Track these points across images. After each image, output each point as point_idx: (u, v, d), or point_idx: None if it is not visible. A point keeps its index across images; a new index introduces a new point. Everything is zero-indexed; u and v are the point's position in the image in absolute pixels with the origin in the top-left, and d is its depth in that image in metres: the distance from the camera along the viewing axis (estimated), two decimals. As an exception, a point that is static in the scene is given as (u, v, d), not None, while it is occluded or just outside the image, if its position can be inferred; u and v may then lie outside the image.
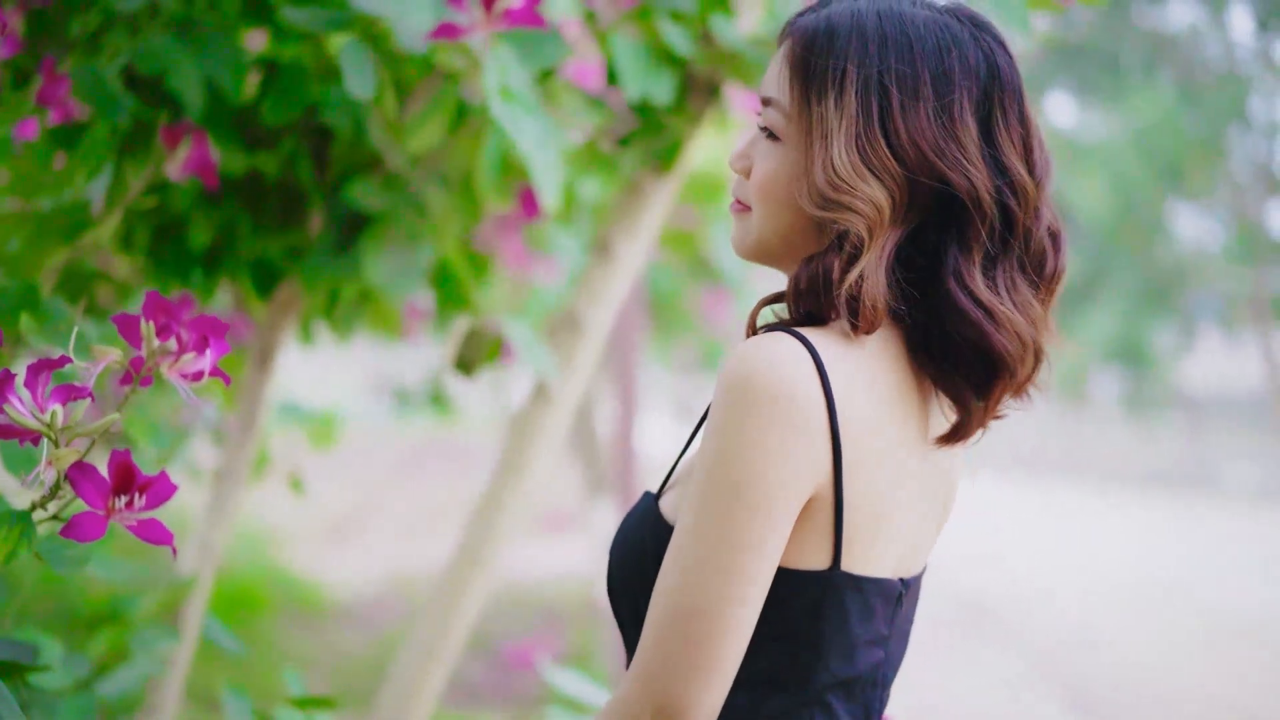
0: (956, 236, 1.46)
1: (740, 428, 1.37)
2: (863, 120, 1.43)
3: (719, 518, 1.37)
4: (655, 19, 2.48)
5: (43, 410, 1.37)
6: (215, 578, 2.71)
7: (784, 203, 1.49)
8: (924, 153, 1.43)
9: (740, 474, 1.37)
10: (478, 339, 2.65)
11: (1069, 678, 7.13)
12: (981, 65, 1.47)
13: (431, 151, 2.65)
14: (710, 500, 1.37)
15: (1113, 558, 10.97)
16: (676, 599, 1.37)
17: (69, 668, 2.20)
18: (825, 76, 1.45)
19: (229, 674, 5.25)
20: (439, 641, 2.55)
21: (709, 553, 1.37)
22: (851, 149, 1.42)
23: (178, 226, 2.70)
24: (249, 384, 2.82)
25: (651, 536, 1.49)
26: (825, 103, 1.44)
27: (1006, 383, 1.49)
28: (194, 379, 1.44)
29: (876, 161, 1.43)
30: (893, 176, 1.43)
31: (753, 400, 1.37)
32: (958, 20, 1.49)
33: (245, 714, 2.05)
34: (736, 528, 1.37)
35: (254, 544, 9.28)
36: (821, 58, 1.45)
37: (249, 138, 2.60)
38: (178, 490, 1.42)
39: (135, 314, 1.43)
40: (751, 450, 1.37)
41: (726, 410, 1.38)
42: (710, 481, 1.38)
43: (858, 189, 1.42)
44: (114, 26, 2.45)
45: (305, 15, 2.26)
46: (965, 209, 1.45)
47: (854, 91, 1.43)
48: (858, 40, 1.45)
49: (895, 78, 1.43)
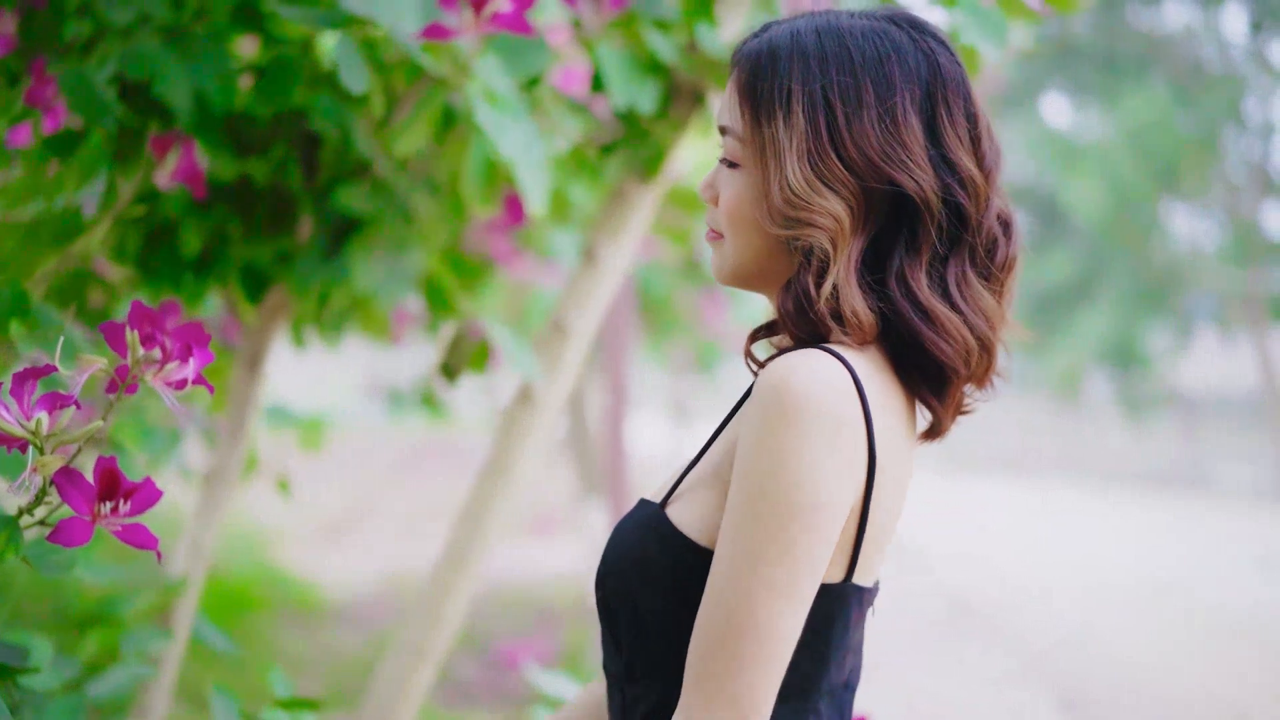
0: (907, 238, 1.48)
1: (796, 448, 1.38)
2: (811, 136, 1.45)
3: (776, 537, 1.38)
4: (640, 27, 2.50)
5: (28, 417, 1.39)
6: (212, 578, 2.73)
7: (751, 227, 1.51)
8: (871, 159, 1.45)
9: (798, 494, 1.38)
10: (463, 344, 2.68)
11: (1060, 677, 7.15)
12: (922, 66, 1.49)
13: (419, 157, 2.68)
14: (767, 520, 1.38)
15: (1107, 557, 11.00)
16: (738, 618, 1.38)
17: (59, 668, 2.21)
18: (772, 98, 1.47)
19: (224, 674, 5.28)
20: (427, 641, 2.57)
21: (768, 572, 1.38)
22: (804, 165, 1.45)
23: (169, 232, 2.72)
24: (239, 387, 2.85)
25: (657, 543, 1.49)
26: (774, 124, 1.47)
27: (957, 383, 1.52)
28: (178, 387, 1.46)
29: (829, 174, 1.45)
30: (847, 187, 1.46)
31: (806, 420, 1.38)
32: (896, 25, 1.51)
33: (232, 714, 2.07)
34: (795, 547, 1.38)
35: (250, 544, 9.29)
36: (767, 81, 1.48)
37: (239, 144, 2.62)
38: (163, 495, 1.45)
39: (121, 323, 1.45)
40: (809, 471, 1.38)
41: (778, 430, 1.38)
42: (766, 501, 1.38)
43: (814, 204, 1.45)
44: (106, 33, 2.47)
45: (297, 13, 2.28)
46: (917, 209, 1.48)
47: (800, 109, 1.46)
48: (799, 59, 1.47)
49: (838, 90, 1.46)
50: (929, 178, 1.47)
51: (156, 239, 2.73)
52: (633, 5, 2.49)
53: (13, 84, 2.38)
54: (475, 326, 2.72)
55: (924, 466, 10.98)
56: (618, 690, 1.56)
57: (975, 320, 1.50)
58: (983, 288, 1.52)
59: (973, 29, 2.34)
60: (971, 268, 1.52)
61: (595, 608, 1.58)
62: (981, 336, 1.51)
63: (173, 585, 2.64)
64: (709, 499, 1.48)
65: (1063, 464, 20.79)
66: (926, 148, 1.48)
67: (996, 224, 1.53)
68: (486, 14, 2.15)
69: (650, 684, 1.51)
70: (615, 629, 1.55)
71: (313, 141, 2.68)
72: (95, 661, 2.57)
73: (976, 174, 1.50)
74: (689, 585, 1.46)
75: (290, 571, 8.83)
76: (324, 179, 2.68)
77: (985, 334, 1.51)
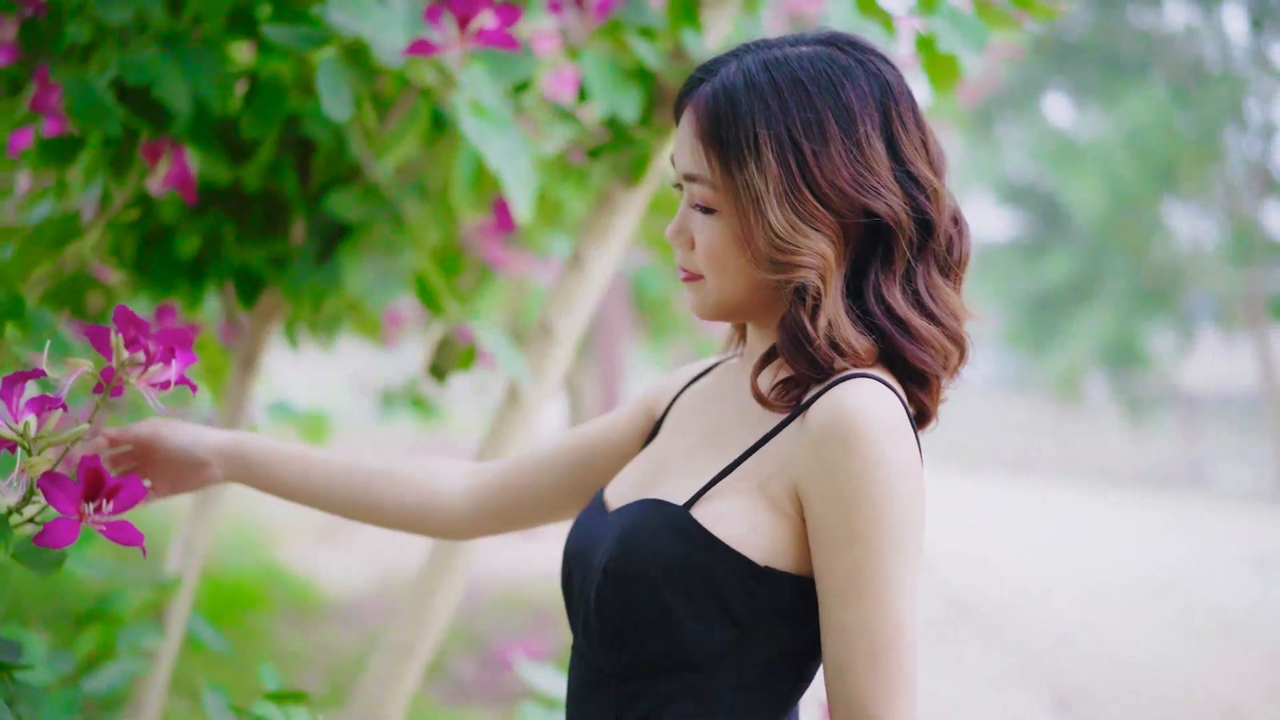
0: (882, 256, 1.53)
1: (897, 475, 1.45)
2: (785, 178, 1.48)
3: (905, 560, 1.46)
4: (625, 34, 2.54)
5: (17, 420, 1.43)
6: (210, 576, 2.78)
7: (735, 268, 1.54)
8: (845, 191, 1.49)
9: (910, 518, 1.46)
10: (451, 346, 2.72)
11: (1058, 677, 7.18)
12: (874, 86, 1.53)
13: (409, 163, 2.73)
14: (894, 547, 1.45)
15: (1106, 557, 11.02)
16: (897, 644, 1.46)
17: (56, 663, 2.26)
18: (740, 144, 1.50)
19: (222, 672, 5.31)
20: (414, 639, 2.62)
21: (906, 593, 1.46)
22: (784, 208, 1.48)
23: (164, 236, 2.77)
24: (234, 387, 2.90)
25: (685, 545, 1.52)
26: (747, 170, 1.49)
27: (936, 382, 1.58)
28: (162, 387, 1.50)
29: (808, 214, 1.49)
30: (826, 223, 1.50)
31: (895, 447, 1.46)
32: (839, 49, 1.55)
33: (223, 709, 2.12)
34: (916, 562, 1.48)
35: (248, 543, 9.32)
36: (730, 127, 1.50)
37: (233, 149, 2.67)
38: (147, 493, 1.49)
39: (107, 327, 1.49)
40: (912, 494, 1.47)
41: (879, 462, 1.45)
42: (888, 529, 1.45)
43: (800, 245, 1.49)
44: (105, 39, 2.52)
45: (285, 32, 2.33)
46: (890, 230, 1.52)
47: (770, 152, 1.48)
48: (758, 101, 1.50)
49: (801, 128, 1.49)
50: (898, 198, 1.52)
51: (152, 243, 2.77)
52: (617, 13, 2.53)
53: (14, 91, 2.43)
54: (464, 328, 2.77)
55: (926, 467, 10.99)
56: (609, 687, 1.59)
57: (948, 321, 1.55)
58: (945, 285, 1.57)
59: (952, 36, 2.38)
60: (936, 270, 1.56)
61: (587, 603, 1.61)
62: (954, 336, 1.56)
63: (167, 583, 2.69)
64: (748, 508, 1.52)
65: (1063, 464, 20.80)
66: (891, 168, 1.52)
67: (951, 223, 1.58)
68: (472, 30, 2.20)
69: (654, 682, 1.55)
70: (618, 627, 1.57)
71: (306, 147, 2.73)
72: (92, 657, 2.61)
73: (934, 180, 1.55)
74: (714, 589, 1.51)
75: (288, 570, 8.87)
76: (317, 184, 2.73)
77: (957, 332, 1.57)
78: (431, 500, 1.89)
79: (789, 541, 1.51)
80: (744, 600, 1.50)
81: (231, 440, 1.87)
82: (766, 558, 1.51)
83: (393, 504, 1.88)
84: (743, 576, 1.50)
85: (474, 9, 2.19)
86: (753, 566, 1.50)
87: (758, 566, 1.50)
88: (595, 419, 1.90)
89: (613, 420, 1.86)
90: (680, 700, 1.53)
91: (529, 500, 1.88)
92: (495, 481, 1.89)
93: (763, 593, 1.51)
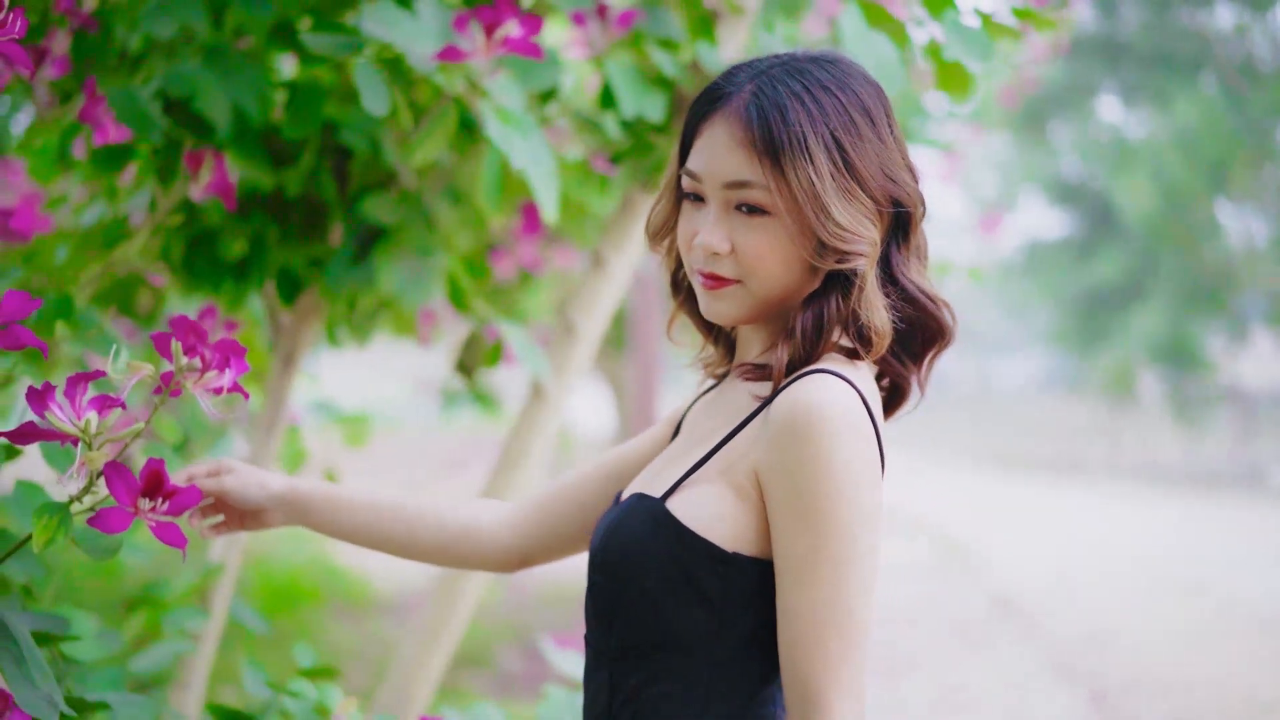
0: (901, 239, 1.70)
1: (848, 462, 1.56)
2: (836, 176, 1.62)
3: (856, 544, 1.57)
4: (646, 45, 2.66)
5: (79, 417, 1.56)
6: (263, 570, 2.89)
7: (787, 264, 1.66)
8: (880, 183, 1.65)
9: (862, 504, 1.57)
10: (477, 343, 2.85)
11: (1097, 673, 7.21)
12: (874, 92, 1.69)
13: (441, 167, 2.86)
14: (843, 531, 1.56)
15: (1152, 556, 11.00)
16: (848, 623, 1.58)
17: (104, 642, 2.39)
18: (793, 149, 1.61)
19: (274, 665, 5.45)
20: (441, 625, 2.75)
21: (857, 575, 1.58)
22: (841, 202, 1.61)
23: (210, 239, 2.91)
24: (275, 384, 3.04)
25: (659, 534, 1.65)
26: (803, 171, 1.61)
27: (942, 346, 1.75)
28: (215, 392, 1.62)
29: (861, 205, 1.63)
30: (873, 212, 1.65)
31: (849, 437, 1.57)
32: (831, 63, 1.69)
33: (260, 684, 2.25)
34: (871, 548, 1.59)
35: (301, 538, 9.47)
36: (780, 134, 1.62)
37: (276, 156, 2.81)
38: (201, 499, 1.61)
39: (168, 333, 1.60)
40: (866, 481, 1.58)
41: (830, 451, 1.56)
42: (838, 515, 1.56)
43: (861, 233, 1.63)
44: (153, 52, 2.65)
45: (324, 41, 2.46)
46: (909, 214, 1.69)
47: (820, 153, 1.61)
48: (801, 108, 1.62)
49: (842, 129, 1.63)
50: (912, 182, 1.68)
51: (198, 246, 2.91)
52: (639, 25, 2.64)
53: (65, 101, 2.56)
54: (491, 327, 2.89)
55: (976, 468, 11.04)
56: (605, 666, 1.73)
57: (939, 294, 1.73)
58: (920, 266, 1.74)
59: (958, 46, 2.49)
60: (919, 252, 1.74)
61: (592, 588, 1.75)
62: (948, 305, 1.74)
63: (211, 569, 2.82)
64: (716, 497, 1.65)
65: (1115, 465, 20.73)
66: (901, 157, 1.68)
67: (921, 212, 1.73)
68: (498, 38, 2.32)
69: (642, 661, 1.68)
70: (609, 611, 1.72)
71: (344, 154, 2.87)
72: (139, 638, 2.75)
73: (916, 169, 1.71)
74: (688, 573, 1.64)
75: (340, 565, 9.01)
76: (354, 189, 2.87)
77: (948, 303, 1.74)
78: (474, 534, 1.99)
79: (753, 527, 1.63)
80: (715, 585, 1.63)
81: (290, 489, 1.97)
82: (734, 544, 1.63)
83: (435, 540, 1.99)
84: (713, 562, 1.63)
85: (500, 18, 2.31)
86: (721, 553, 1.63)
87: (726, 553, 1.63)
88: (630, 440, 2.02)
89: (645, 437, 1.98)
90: (665, 678, 1.66)
91: (569, 523, 1.99)
92: (534, 510, 2.00)
93: (732, 577, 1.63)
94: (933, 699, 6.75)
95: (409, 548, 1.99)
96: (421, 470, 15.32)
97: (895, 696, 6.74)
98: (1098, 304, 20.78)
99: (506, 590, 8.41)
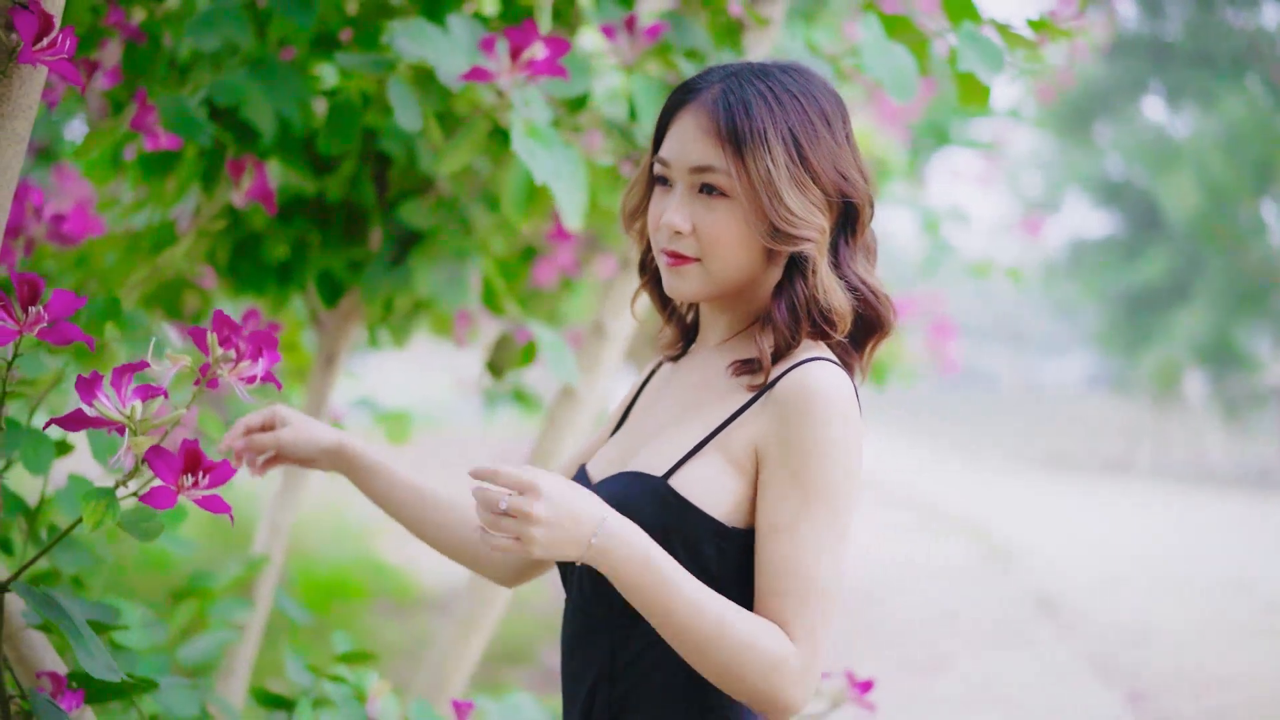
0: (849, 234, 1.84)
1: (842, 441, 1.72)
2: (791, 167, 1.77)
3: (840, 514, 1.72)
4: (673, 55, 2.75)
5: (125, 405, 1.67)
6: (309, 567, 2.98)
7: (743, 245, 1.80)
8: (832, 178, 1.79)
9: (851, 479, 1.74)
10: (508, 345, 2.95)
11: (1134, 671, 7.22)
12: (835, 101, 1.84)
13: (476, 174, 2.96)
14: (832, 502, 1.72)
15: (1193, 556, 10.97)
16: (826, 585, 1.72)
17: (152, 631, 2.49)
18: (754, 140, 1.76)
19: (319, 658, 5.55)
20: (476, 614, 2.85)
21: (836, 540, 1.72)
22: (795, 191, 1.76)
23: (254, 244, 3.03)
24: (316, 382, 3.15)
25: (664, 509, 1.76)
26: (762, 161, 1.76)
27: (884, 338, 1.89)
28: (249, 381, 1.73)
29: (811, 195, 1.78)
30: (822, 204, 1.79)
31: (844, 418, 1.73)
32: (798, 74, 1.84)
33: (301, 669, 2.36)
34: (840, 520, 1.73)
35: (348, 535, 9.60)
36: (743, 126, 1.77)
37: (318, 163, 2.92)
38: (236, 472, 1.72)
39: (205, 327, 1.72)
40: (855, 459, 1.74)
41: (829, 429, 1.72)
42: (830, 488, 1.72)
43: (810, 220, 1.77)
44: (200, 62, 2.77)
45: (357, 59, 2.57)
46: (857, 211, 1.83)
47: (778, 146, 1.77)
48: (764, 106, 1.78)
49: (799, 127, 1.78)
50: (863, 183, 1.83)
51: (243, 250, 3.03)
52: (666, 36, 2.73)
53: (117, 110, 2.68)
54: (522, 329, 2.99)
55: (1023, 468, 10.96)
56: (603, 630, 1.84)
57: (882, 288, 1.87)
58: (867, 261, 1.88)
59: (971, 57, 2.56)
60: (867, 250, 1.88)
61: None
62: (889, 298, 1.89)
63: (255, 561, 2.93)
64: (718, 473, 1.77)
65: (1161, 464, 20.65)
66: (854, 159, 1.83)
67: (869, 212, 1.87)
68: (524, 60, 2.41)
69: (643, 626, 1.78)
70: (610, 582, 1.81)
71: (383, 161, 2.98)
72: (187, 628, 2.86)
73: (868, 172, 1.85)
74: (694, 547, 1.75)
75: (386, 562, 9.11)
76: (392, 194, 2.97)
77: (889, 296, 1.89)
78: None
79: (749, 498, 1.76)
80: (715, 557, 1.75)
81: (339, 445, 2.13)
82: (732, 519, 1.76)
83: (453, 530, 2.12)
84: (714, 536, 1.75)
85: (526, 41, 2.40)
86: (721, 527, 1.75)
87: (725, 527, 1.75)
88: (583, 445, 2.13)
89: (596, 440, 2.10)
90: (665, 643, 1.75)
91: None
92: None
93: (731, 550, 1.75)
94: (970, 695, 6.79)
95: (436, 539, 2.13)
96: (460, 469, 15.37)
97: (932, 694, 6.79)
98: (1142, 304, 20.72)
99: (550, 588, 8.51)
